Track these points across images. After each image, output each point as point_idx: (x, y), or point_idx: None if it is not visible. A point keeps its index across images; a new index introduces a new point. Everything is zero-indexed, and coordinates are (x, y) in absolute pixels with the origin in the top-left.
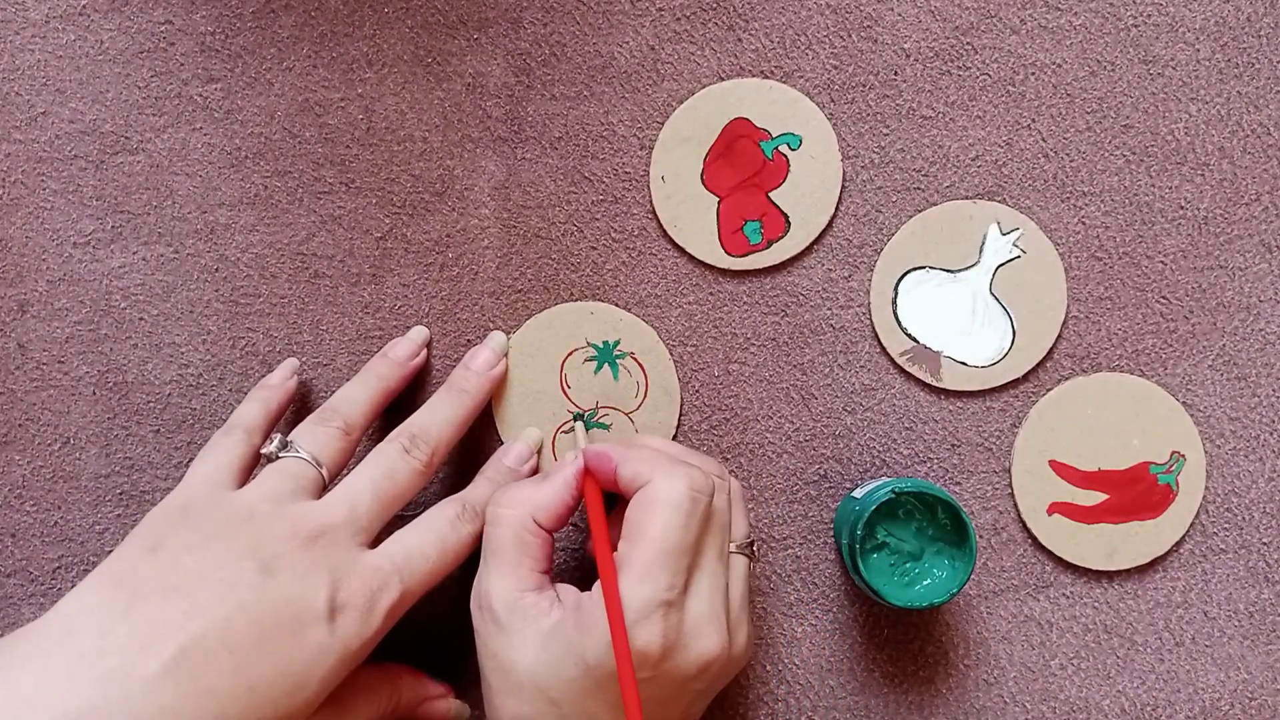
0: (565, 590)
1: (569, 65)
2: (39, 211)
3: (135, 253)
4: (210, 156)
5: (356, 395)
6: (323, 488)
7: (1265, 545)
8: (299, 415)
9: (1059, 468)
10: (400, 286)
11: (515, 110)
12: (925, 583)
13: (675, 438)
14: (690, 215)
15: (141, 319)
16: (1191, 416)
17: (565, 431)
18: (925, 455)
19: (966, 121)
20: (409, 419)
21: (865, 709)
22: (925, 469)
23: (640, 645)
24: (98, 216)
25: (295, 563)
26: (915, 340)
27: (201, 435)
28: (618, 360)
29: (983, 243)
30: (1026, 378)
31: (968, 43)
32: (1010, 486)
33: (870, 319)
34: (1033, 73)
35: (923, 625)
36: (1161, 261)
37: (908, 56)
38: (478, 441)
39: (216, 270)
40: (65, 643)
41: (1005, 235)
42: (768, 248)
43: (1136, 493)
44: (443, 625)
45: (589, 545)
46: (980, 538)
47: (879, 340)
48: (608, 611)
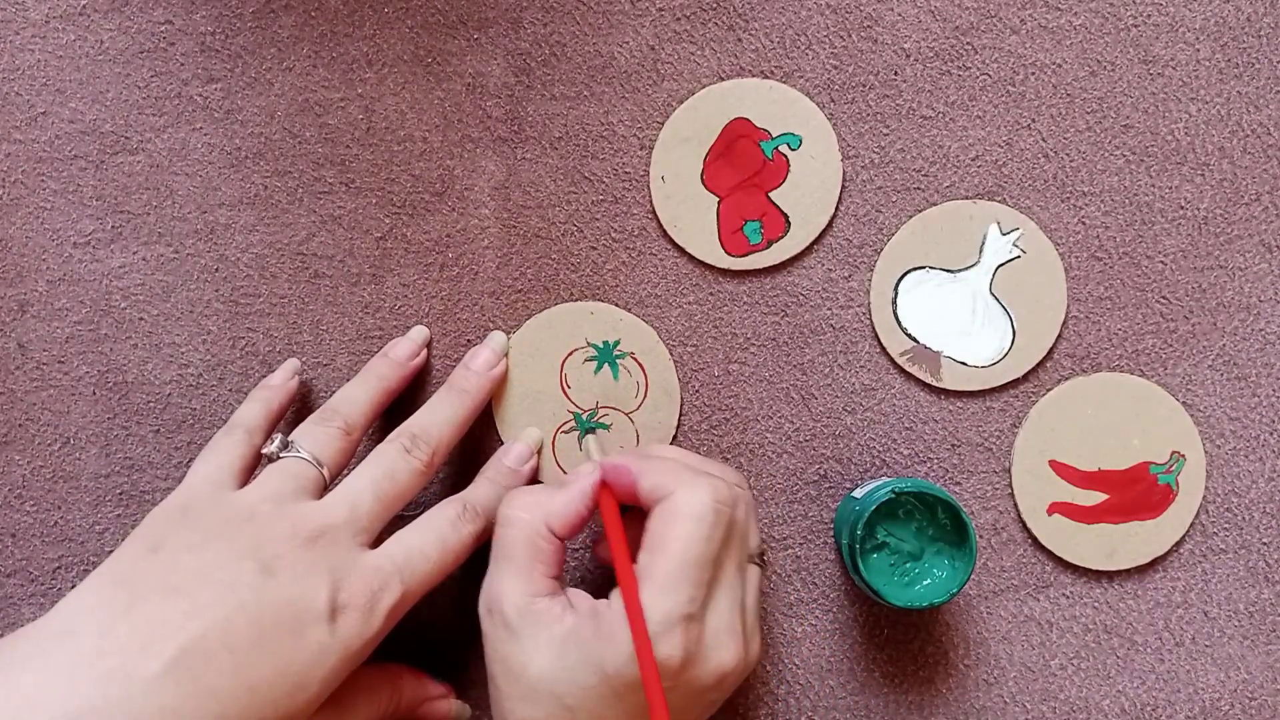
0: (578, 596)
1: (569, 65)
2: (39, 211)
3: (135, 253)
4: (210, 156)
5: (357, 395)
6: (323, 488)
7: (1265, 545)
8: (300, 415)
9: (1059, 468)
10: (400, 286)
11: (515, 110)
12: (925, 583)
13: (675, 437)
14: (690, 215)
15: (141, 319)
16: (1191, 416)
17: (565, 431)
18: (925, 455)
19: (966, 121)
20: (409, 419)
21: (865, 709)
22: (925, 469)
23: (661, 657)
24: (98, 216)
25: (296, 563)
26: (915, 340)
27: (201, 435)
28: (618, 360)
29: (983, 243)
30: (1026, 378)
31: (968, 43)
32: (1010, 486)
33: (870, 319)
34: (1033, 73)
35: (923, 625)
36: (1161, 261)
37: (908, 56)
38: (478, 441)
39: (216, 270)
40: (65, 643)
41: (1005, 235)
42: (768, 248)
43: (1136, 493)
44: (443, 625)
45: (599, 550)
46: (980, 538)
47: (879, 340)
48: (631, 624)
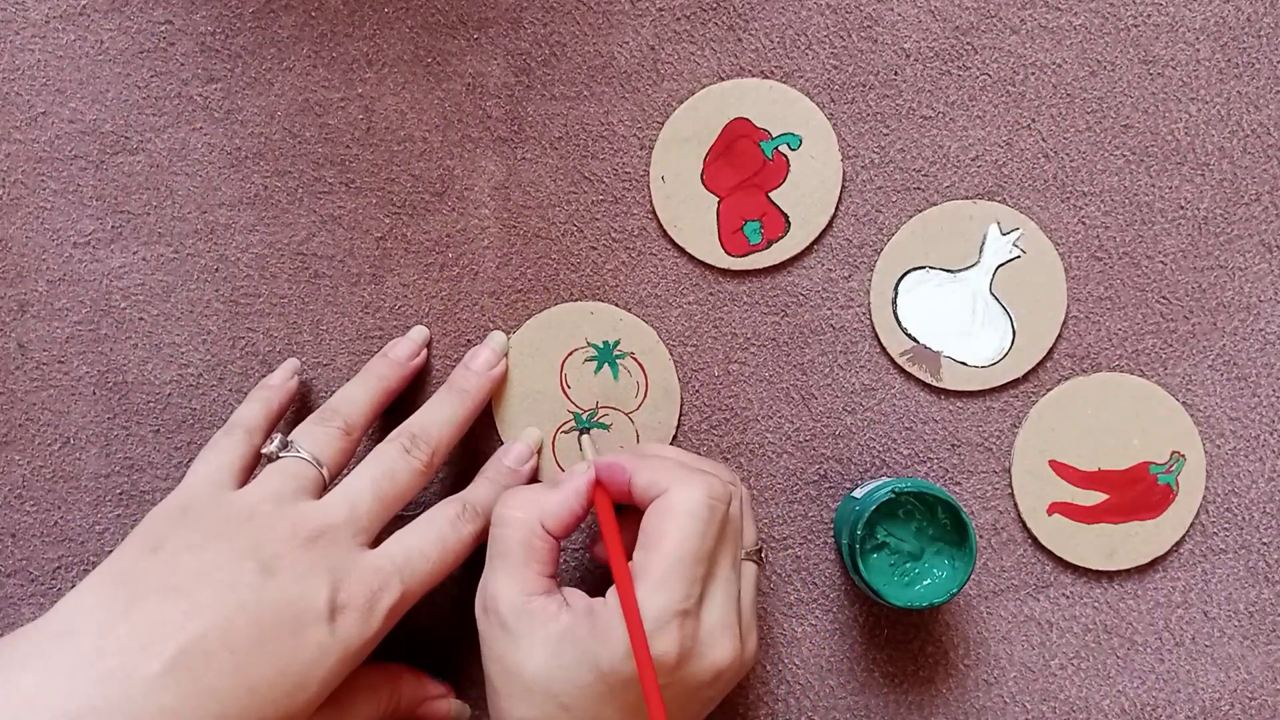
0: (573, 594)
1: (569, 65)
2: (39, 211)
3: (135, 253)
4: (210, 156)
5: (357, 395)
6: (323, 488)
7: (1265, 545)
8: (299, 415)
9: (1059, 468)
10: (400, 286)
11: (515, 110)
12: (925, 583)
13: (675, 437)
14: (690, 215)
15: (141, 319)
16: (1191, 416)
17: (565, 431)
18: (925, 455)
19: (966, 121)
20: (409, 419)
21: (865, 709)
22: (925, 469)
23: (657, 654)
24: (98, 216)
25: (295, 563)
26: (915, 340)
27: (201, 435)
28: (618, 360)
29: (983, 243)
30: (1026, 378)
31: (968, 43)
32: (1010, 486)
33: (870, 319)
34: (1033, 73)
35: (923, 625)
36: (1161, 261)
37: (908, 56)
38: (477, 441)
39: (216, 270)
40: (65, 642)
41: (1005, 235)
42: (768, 248)
43: (1136, 493)
44: (443, 625)
45: (596, 550)
46: (980, 538)
47: (879, 340)
48: (627, 621)
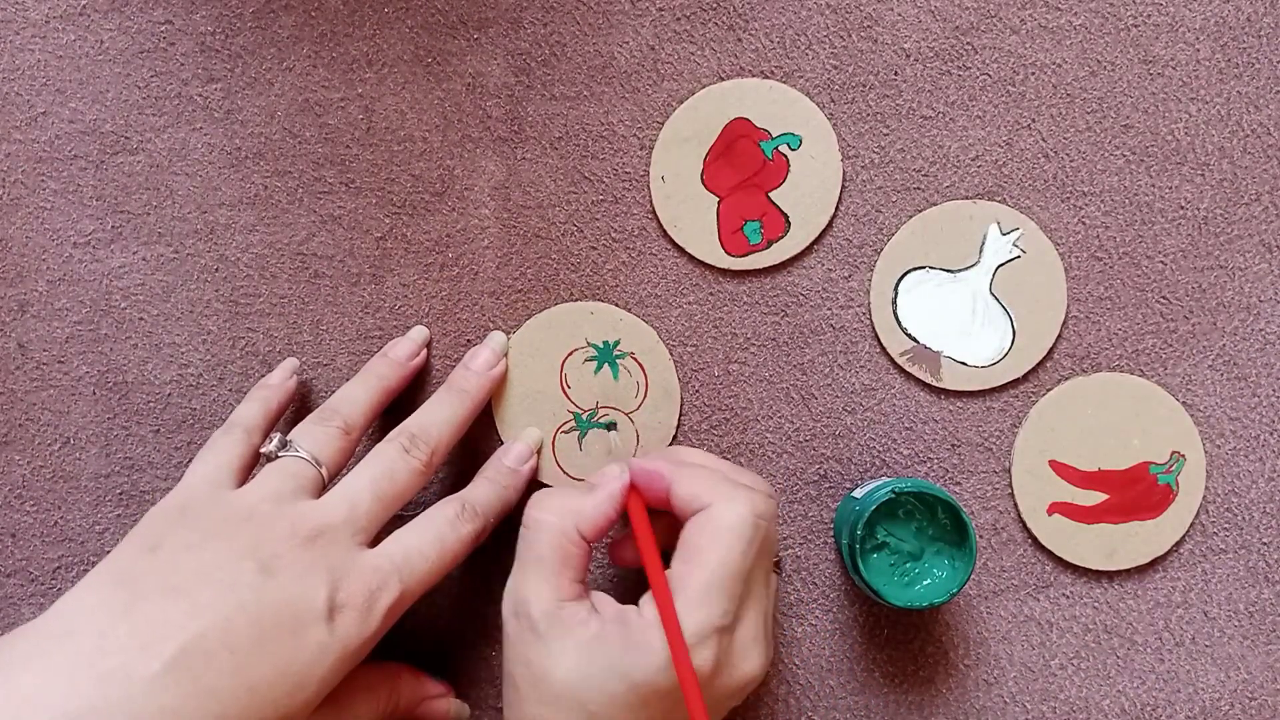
0: (602, 600)
1: (569, 65)
2: (39, 211)
3: (135, 253)
4: (210, 156)
5: (356, 395)
6: (322, 487)
7: (1265, 545)
8: (299, 415)
9: (1059, 468)
10: (400, 286)
11: (515, 110)
12: (925, 583)
13: (675, 438)
14: (690, 215)
15: (141, 319)
16: (1191, 416)
17: (565, 431)
18: (925, 455)
19: (966, 121)
20: (409, 419)
21: (865, 709)
22: (925, 469)
23: (694, 668)
24: (98, 216)
25: (294, 562)
26: (915, 340)
27: (201, 435)
28: (618, 360)
29: (983, 243)
30: (1026, 378)
31: (968, 43)
32: (1010, 486)
33: (870, 319)
34: (1033, 73)
35: (923, 625)
36: (1161, 261)
37: (908, 56)
38: (477, 442)
39: (216, 270)
40: (65, 642)
41: (1005, 235)
42: (768, 248)
43: (1136, 493)
44: (442, 625)
45: (618, 554)
46: (980, 538)
47: (879, 340)
48: (669, 637)
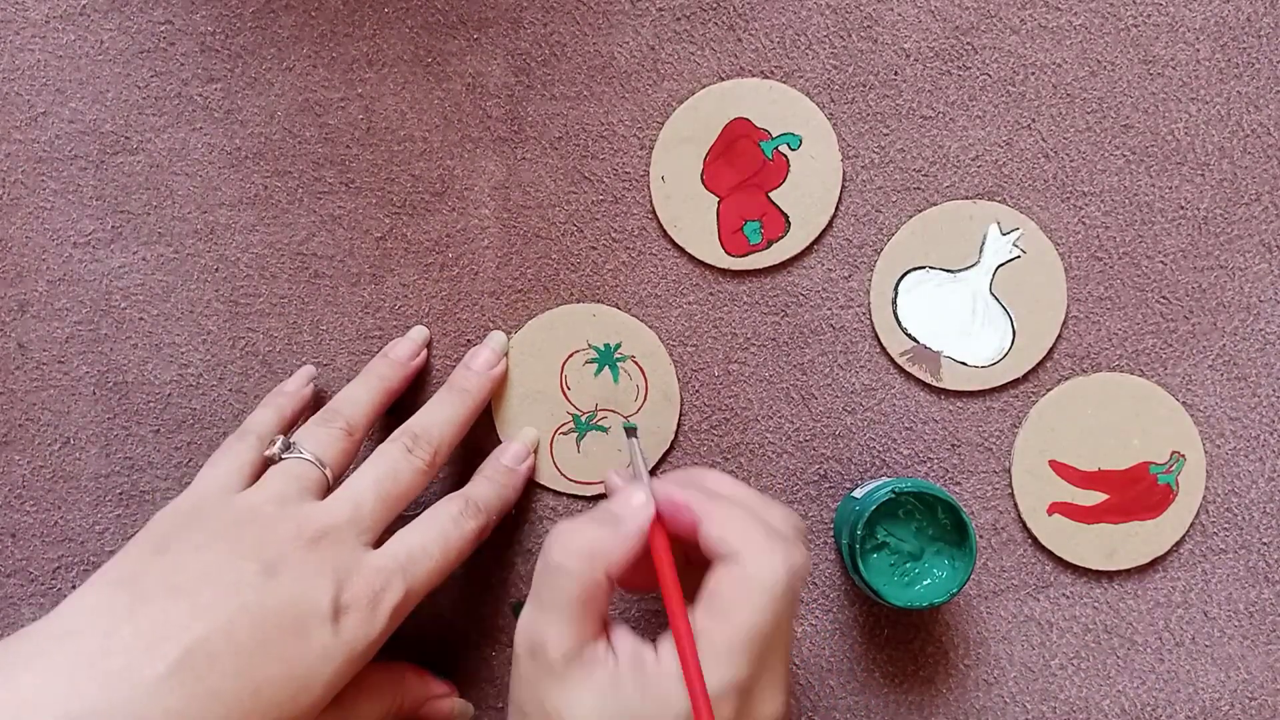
0: (620, 636)
1: (569, 65)
2: (39, 211)
3: (135, 253)
4: (210, 156)
5: (358, 396)
6: (327, 488)
7: (1265, 545)
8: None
9: (1059, 468)
10: (400, 286)
11: (515, 110)
12: (925, 583)
13: (675, 440)
14: (690, 215)
15: (141, 319)
16: (1191, 416)
17: (564, 433)
18: (925, 455)
19: (966, 121)
20: (411, 419)
21: (865, 709)
22: (925, 469)
23: None
24: (98, 216)
25: (299, 564)
26: (915, 340)
27: (201, 435)
28: (618, 363)
29: (983, 243)
30: (1026, 378)
31: (968, 43)
32: (1010, 486)
33: (870, 319)
34: (1033, 73)
35: (923, 625)
36: (1161, 261)
37: (908, 56)
38: (478, 441)
39: (216, 270)
40: (68, 643)
41: (1005, 235)
42: (768, 248)
43: (1136, 493)
44: (443, 625)
45: (630, 579)
46: (980, 538)
47: (879, 340)
48: (692, 699)
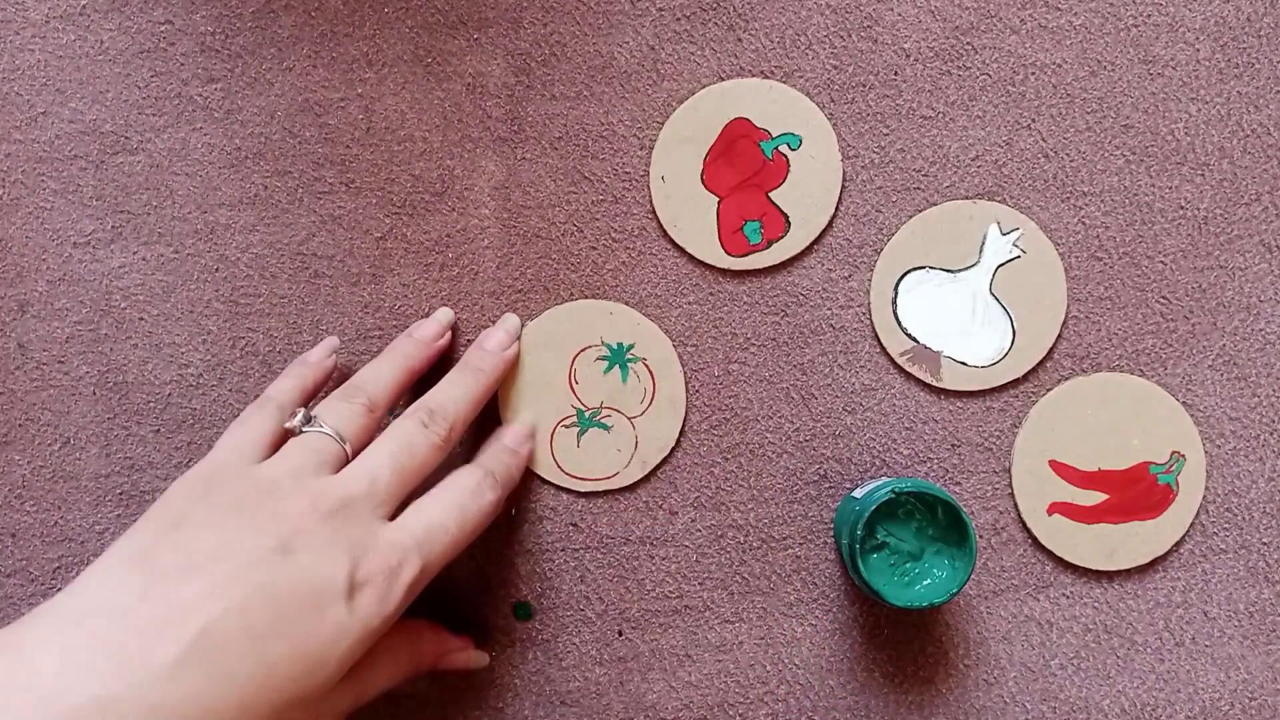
0: None
1: (569, 65)
2: (39, 211)
3: (135, 253)
4: (210, 156)
5: (381, 373)
6: (345, 464)
7: (1265, 545)
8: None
9: (1059, 468)
10: (400, 286)
11: (515, 110)
12: (925, 583)
13: (675, 448)
14: (690, 215)
15: (141, 319)
16: (1191, 416)
17: (566, 426)
18: (925, 455)
19: (966, 121)
20: (426, 395)
21: (865, 709)
22: (925, 469)
23: None
24: (98, 216)
25: (315, 538)
26: (915, 340)
27: (201, 435)
28: (629, 364)
29: (983, 243)
30: (1026, 378)
31: (968, 43)
32: (1010, 486)
33: (870, 319)
34: (1033, 73)
35: (923, 625)
36: (1161, 261)
37: (908, 56)
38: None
39: (216, 270)
40: (84, 623)
41: (1005, 235)
42: (768, 248)
43: (1136, 493)
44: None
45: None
46: (980, 538)
47: (879, 340)
48: None
